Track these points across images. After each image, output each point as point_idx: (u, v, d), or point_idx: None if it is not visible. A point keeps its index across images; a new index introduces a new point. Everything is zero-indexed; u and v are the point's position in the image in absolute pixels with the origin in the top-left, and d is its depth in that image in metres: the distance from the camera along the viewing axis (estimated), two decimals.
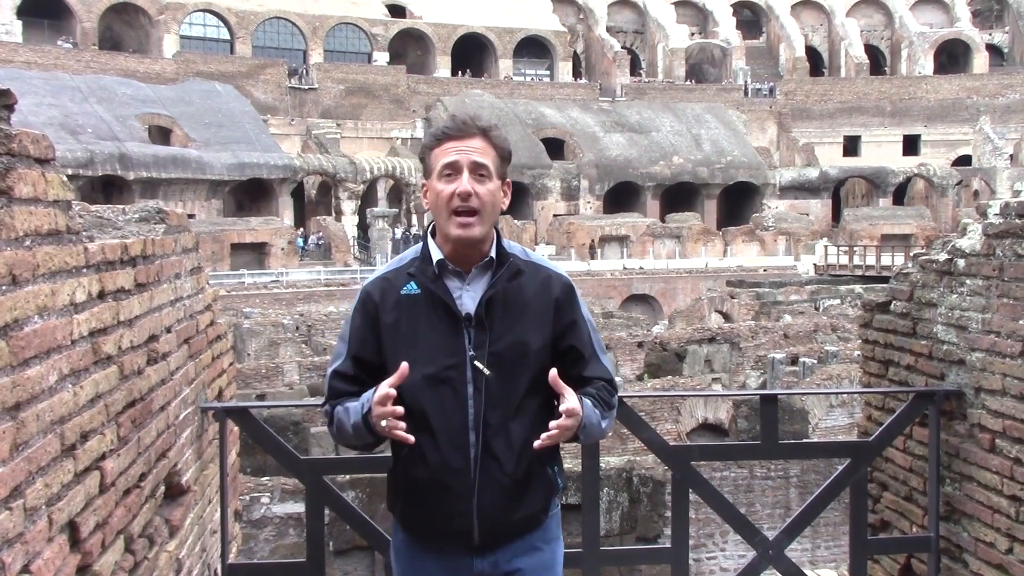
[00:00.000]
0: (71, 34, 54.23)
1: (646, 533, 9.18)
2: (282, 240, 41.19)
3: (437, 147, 2.41)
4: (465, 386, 2.39)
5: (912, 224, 48.75)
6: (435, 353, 2.39)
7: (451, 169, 2.38)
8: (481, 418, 2.38)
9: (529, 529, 2.50)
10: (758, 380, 17.82)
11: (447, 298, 2.41)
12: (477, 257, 2.44)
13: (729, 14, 72.09)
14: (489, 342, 2.40)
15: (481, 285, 2.44)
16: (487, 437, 2.39)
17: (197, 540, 3.36)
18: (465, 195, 2.36)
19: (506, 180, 2.49)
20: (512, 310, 2.43)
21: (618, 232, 47.59)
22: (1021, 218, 3.33)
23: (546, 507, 2.54)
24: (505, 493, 2.42)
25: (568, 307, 2.50)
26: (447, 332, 2.40)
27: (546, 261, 2.60)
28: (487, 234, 2.43)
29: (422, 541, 2.51)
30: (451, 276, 2.44)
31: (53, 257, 2.03)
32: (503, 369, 2.40)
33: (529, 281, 2.47)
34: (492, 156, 2.41)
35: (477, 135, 2.40)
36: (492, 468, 2.40)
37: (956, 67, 69.74)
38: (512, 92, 60.87)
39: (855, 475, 3.90)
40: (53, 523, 1.99)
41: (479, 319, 2.40)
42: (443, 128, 2.42)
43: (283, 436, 7.49)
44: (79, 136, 40.14)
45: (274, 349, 22.65)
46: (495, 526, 2.43)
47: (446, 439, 2.39)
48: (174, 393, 3.07)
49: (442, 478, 2.40)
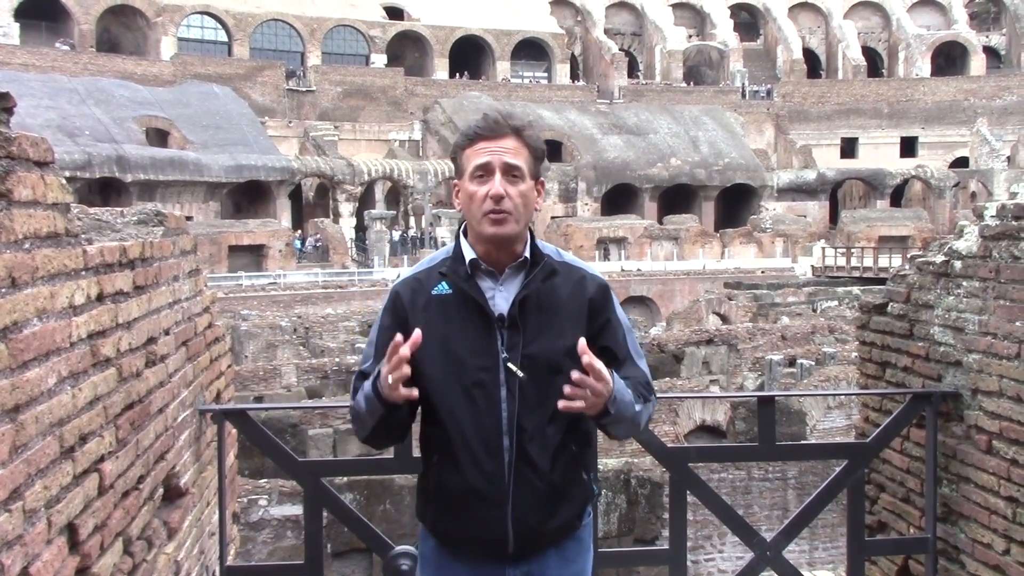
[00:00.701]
0: (69, 36, 54.19)
1: (644, 535, 9.19)
2: (280, 242, 41.16)
3: (469, 147, 2.35)
4: (498, 389, 2.32)
5: (909, 226, 48.78)
6: (467, 355, 2.33)
7: (483, 170, 2.31)
8: (515, 422, 2.31)
9: (563, 537, 2.43)
10: (756, 382, 17.83)
11: (480, 298, 2.35)
12: (510, 257, 2.38)
13: (727, 16, 72.15)
14: (523, 343, 2.33)
15: (514, 285, 2.37)
16: (521, 441, 2.32)
17: (195, 542, 3.36)
18: (497, 197, 2.29)
19: (540, 179, 2.41)
20: (546, 311, 2.36)
21: (616, 234, 47.60)
22: (1017, 220, 3.33)
23: (580, 515, 2.47)
24: (541, 499, 2.34)
25: (603, 308, 2.43)
26: (480, 333, 2.34)
27: (580, 261, 2.53)
28: (520, 233, 2.36)
29: (453, 549, 2.43)
30: (483, 276, 2.38)
31: (52, 260, 2.04)
32: (537, 371, 2.32)
33: (563, 281, 2.40)
34: (525, 156, 2.34)
35: (510, 135, 2.33)
36: (527, 473, 2.32)
37: (953, 69, 69.85)
38: (510, 94, 60.88)
39: (852, 477, 3.90)
40: (52, 525, 1.99)
41: (512, 320, 2.34)
42: (475, 128, 2.35)
43: (281, 438, 7.49)
44: (77, 138, 40.11)
45: (272, 351, 22.64)
46: (530, 534, 2.35)
47: (479, 444, 2.32)
48: (172, 395, 3.07)
49: (476, 484, 2.33)
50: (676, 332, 24.07)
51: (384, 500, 8.86)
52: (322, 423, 13.11)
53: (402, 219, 50.29)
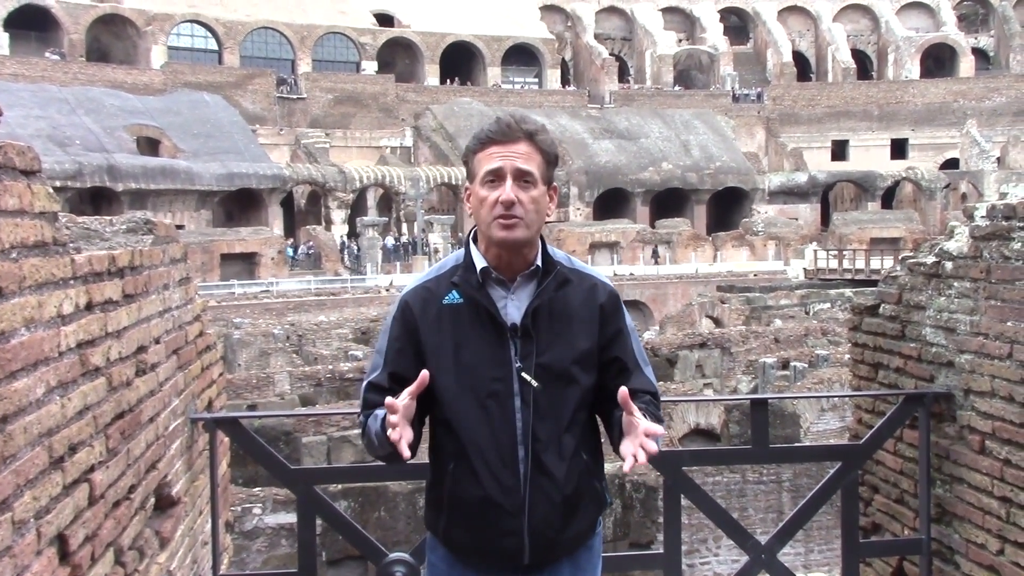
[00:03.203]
0: (58, 46, 54.11)
1: (639, 539, 9.19)
2: (272, 250, 41.11)
3: (481, 151, 2.30)
4: (512, 399, 2.30)
5: (901, 228, 48.91)
6: (480, 365, 2.30)
7: (494, 175, 2.27)
8: (530, 432, 2.29)
9: (577, 547, 2.43)
10: (749, 385, 17.86)
11: (492, 308, 2.31)
12: (522, 265, 2.34)
13: (716, 20, 72.37)
14: (536, 353, 2.30)
15: (526, 294, 2.34)
16: (537, 451, 2.30)
17: (188, 552, 3.34)
18: (508, 203, 2.25)
19: (552, 185, 2.37)
20: (559, 320, 2.34)
21: (608, 239, 47.63)
22: (1007, 220, 3.34)
23: (593, 524, 2.47)
24: (557, 509, 2.33)
25: (613, 316, 2.41)
26: (492, 343, 2.31)
27: (591, 269, 2.51)
28: (532, 239, 2.33)
29: (466, 559, 2.41)
30: (494, 285, 2.34)
31: (40, 269, 2.03)
32: (550, 381, 2.30)
33: (575, 290, 2.38)
34: (538, 161, 2.29)
35: (522, 139, 2.29)
36: (544, 483, 2.31)
37: (942, 71, 70.15)
38: (501, 100, 60.93)
39: (846, 478, 3.90)
40: (42, 536, 1.97)
41: (525, 330, 2.31)
42: (488, 131, 2.31)
43: (274, 446, 7.47)
44: (67, 148, 40.04)
45: (265, 359, 22.58)
46: (546, 544, 2.34)
47: (494, 455, 2.30)
48: (163, 404, 3.06)
49: (491, 495, 2.30)
50: (669, 336, 24.09)
51: (379, 507, 8.84)
52: (316, 431, 13.07)
53: (394, 226, 50.26)
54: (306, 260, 44.70)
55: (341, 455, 13.04)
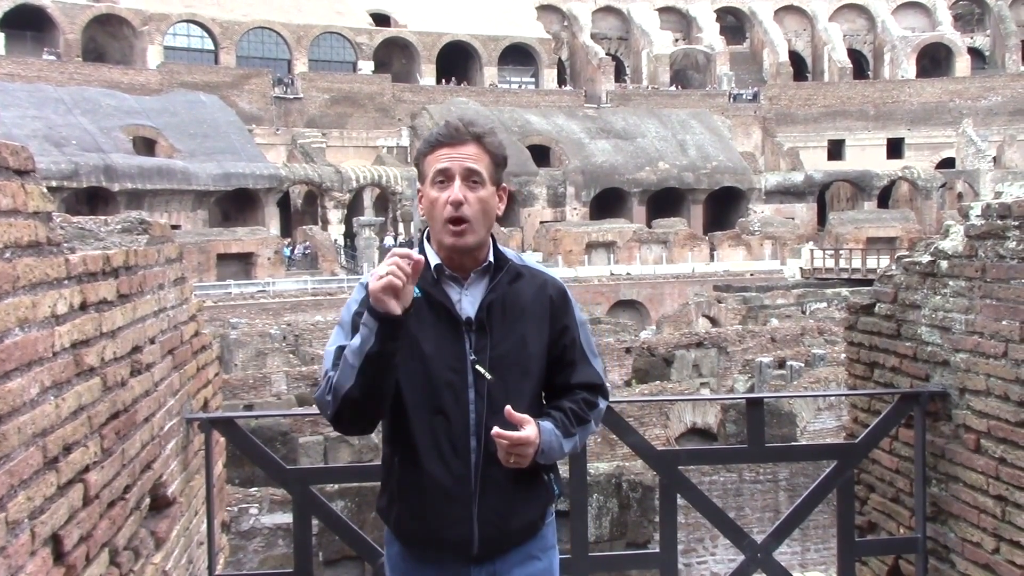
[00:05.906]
0: (54, 46, 54.02)
1: (636, 538, 9.18)
2: (268, 250, 41.07)
3: (430, 154, 2.39)
4: (467, 391, 2.37)
5: (897, 227, 49.00)
6: (437, 358, 2.37)
7: (443, 176, 2.35)
8: (483, 423, 2.35)
9: (527, 538, 2.48)
10: (746, 384, 17.86)
11: (447, 302, 2.39)
12: (474, 263, 2.43)
13: (712, 20, 72.38)
14: (490, 346, 2.38)
15: (479, 290, 2.43)
16: (488, 443, 2.35)
17: (184, 552, 3.34)
18: (456, 203, 2.33)
19: (502, 186, 2.46)
20: (511, 314, 2.42)
21: (605, 238, 47.66)
22: (1003, 219, 3.34)
23: (543, 515, 2.53)
24: (505, 499, 2.40)
25: (562, 311, 2.50)
26: (448, 337, 2.38)
27: (539, 266, 2.60)
28: (482, 241, 2.41)
29: (418, 551, 2.46)
30: (448, 281, 2.42)
31: (34, 269, 2.02)
32: (504, 373, 2.38)
33: (527, 285, 2.47)
34: (486, 162, 2.38)
35: (470, 141, 2.37)
36: (494, 473, 2.37)
37: (938, 71, 70.22)
38: (497, 100, 60.95)
39: (842, 477, 3.90)
40: (36, 536, 1.97)
41: (480, 323, 2.39)
42: (436, 134, 2.40)
43: (271, 447, 7.46)
44: (63, 148, 39.97)
45: (261, 359, 22.55)
46: (495, 534, 2.40)
47: (447, 444, 2.37)
48: (158, 404, 3.05)
49: (442, 483, 2.37)
50: (666, 335, 24.10)
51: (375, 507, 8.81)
52: (312, 431, 13.06)
53: (391, 225, 50.23)
54: (303, 260, 44.67)
55: (338, 455, 13.03)
